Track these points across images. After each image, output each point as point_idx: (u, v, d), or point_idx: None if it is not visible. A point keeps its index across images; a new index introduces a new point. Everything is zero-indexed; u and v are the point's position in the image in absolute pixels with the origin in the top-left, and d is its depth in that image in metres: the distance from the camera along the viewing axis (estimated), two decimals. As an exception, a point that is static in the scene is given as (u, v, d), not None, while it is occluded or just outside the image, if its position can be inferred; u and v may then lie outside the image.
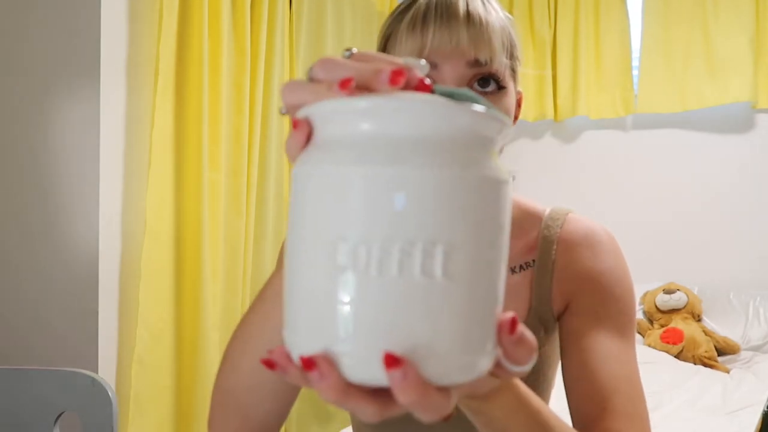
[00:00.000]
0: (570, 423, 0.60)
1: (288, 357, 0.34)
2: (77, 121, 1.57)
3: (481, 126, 0.33)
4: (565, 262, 0.72)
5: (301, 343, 0.34)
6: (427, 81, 0.35)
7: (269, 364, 0.35)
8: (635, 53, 3.28)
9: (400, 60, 0.36)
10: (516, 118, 0.68)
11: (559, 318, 0.72)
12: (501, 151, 0.37)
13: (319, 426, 2.22)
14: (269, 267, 2.09)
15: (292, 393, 0.60)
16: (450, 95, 0.34)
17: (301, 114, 0.35)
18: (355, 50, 0.38)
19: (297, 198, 0.34)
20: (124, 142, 1.61)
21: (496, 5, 0.64)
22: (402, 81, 0.33)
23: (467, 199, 0.32)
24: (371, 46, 2.75)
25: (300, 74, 2.23)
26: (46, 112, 1.61)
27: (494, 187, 0.33)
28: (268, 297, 0.57)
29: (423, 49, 0.60)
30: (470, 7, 0.60)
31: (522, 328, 0.37)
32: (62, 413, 0.95)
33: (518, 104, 0.69)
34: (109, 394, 0.93)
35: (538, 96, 3.42)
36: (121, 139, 1.61)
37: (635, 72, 3.26)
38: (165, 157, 1.66)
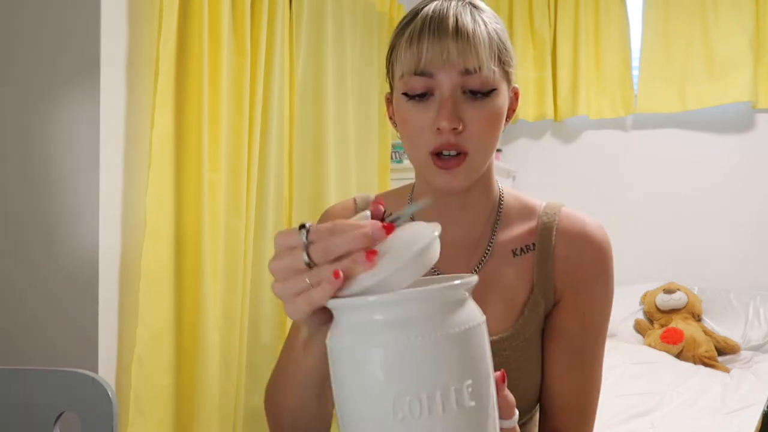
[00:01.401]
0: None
1: None
2: (77, 121, 1.57)
3: (457, 294, 0.47)
4: (565, 254, 0.79)
5: None
6: (390, 219, 0.49)
7: None
8: (635, 53, 3.28)
9: (362, 223, 0.47)
10: (513, 110, 0.77)
11: (554, 304, 0.80)
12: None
13: (319, 426, 2.22)
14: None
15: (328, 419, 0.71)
16: (397, 218, 0.50)
17: (332, 305, 0.47)
18: (309, 225, 0.49)
19: (347, 371, 0.46)
20: (124, 142, 1.61)
21: (485, 15, 0.72)
22: (373, 256, 0.46)
23: (472, 345, 0.46)
24: (371, 46, 2.75)
25: (300, 74, 2.23)
26: (46, 112, 1.61)
27: (481, 328, 0.47)
28: (297, 346, 0.64)
29: (419, 62, 0.69)
30: (459, 23, 0.68)
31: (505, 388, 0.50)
32: (62, 413, 0.95)
33: (516, 98, 0.78)
34: (109, 394, 0.93)
35: (538, 96, 3.42)
36: (121, 139, 1.61)
37: (635, 72, 3.27)
38: (165, 157, 1.66)
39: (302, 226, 0.49)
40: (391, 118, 0.81)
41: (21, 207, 1.65)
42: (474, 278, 0.48)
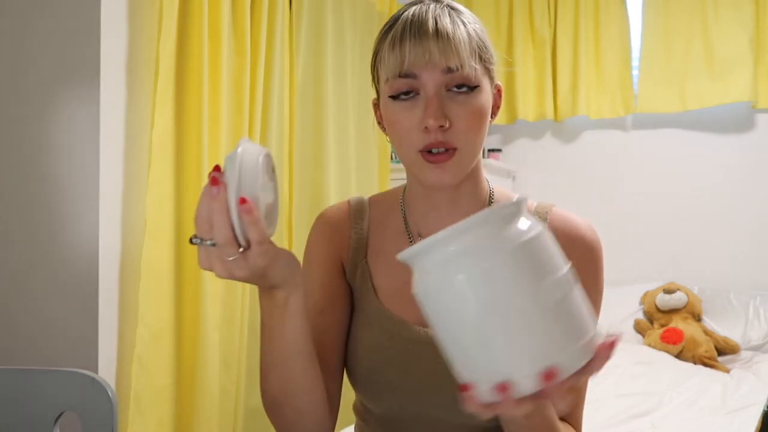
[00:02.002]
0: None
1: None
2: (77, 122, 1.57)
3: (513, 209, 0.52)
4: None
5: (485, 378, 0.51)
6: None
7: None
8: (635, 53, 3.28)
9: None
10: (498, 107, 0.79)
11: None
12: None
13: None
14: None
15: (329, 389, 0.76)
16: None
17: (407, 257, 0.53)
18: (192, 236, 0.60)
19: (444, 304, 0.51)
20: (124, 142, 1.61)
21: (464, 17, 0.75)
22: (216, 180, 0.59)
23: (544, 248, 0.52)
24: (371, 46, 2.74)
25: (300, 74, 2.23)
26: (46, 112, 1.61)
27: (546, 232, 0.53)
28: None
29: (402, 64, 0.71)
30: (439, 24, 0.71)
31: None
32: (62, 413, 0.95)
33: (499, 95, 0.80)
34: (109, 394, 0.93)
35: (538, 96, 3.42)
36: (121, 139, 1.61)
37: (635, 72, 3.26)
38: (165, 157, 1.66)
39: (191, 240, 0.60)
40: (379, 123, 0.82)
41: (22, 207, 1.65)
42: (524, 198, 0.54)
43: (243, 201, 0.57)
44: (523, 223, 0.52)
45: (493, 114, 0.79)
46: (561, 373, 0.49)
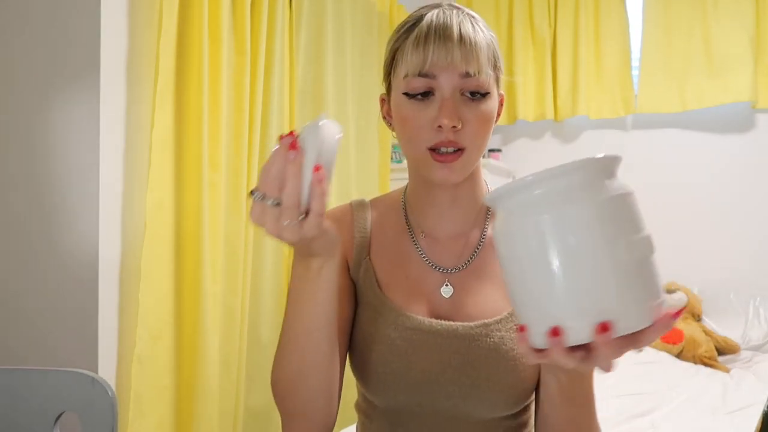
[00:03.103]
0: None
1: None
2: (77, 122, 1.57)
3: (605, 164, 0.53)
4: None
5: (537, 326, 0.52)
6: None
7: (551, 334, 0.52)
8: (635, 53, 3.28)
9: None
10: (499, 115, 0.83)
11: None
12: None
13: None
14: (269, 267, 2.09)
15: (336, 380, 0.76)
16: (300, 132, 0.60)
17: (494, 199, 0.55)
18: (253, 188, 0.62)
19: (538, 235, 0.51)
20: (124, 142, 1.61)
21: (482, 25, 0.79)
22: (294, 145, 0.61)
23: (633, 207, 0.53)
24: (371, 46, 2.75)
25: (300, 74, 2.23)
26: (46, 112, 1.61)
27: (632, 197, 0.54)
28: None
29: (424, 63, 0.75)
30: (462, 30, 0.75)
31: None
32: (62, 413, 0.95)
33: (501, 104, 0.84)
34: (109, 394, 0.93)
35: (538, 96, 3.42)
36: (121, 139, 1.61)
37: (635, 72, 3.26)
38: (165, 157, 1.66)
39: (251, 192, 0.61)
40: (385, 117, 0.86)
41: (21, 207, 1.65)
42: (619, 156, 0.54)
43: (317, 169, 0.59)
44: (616, 179, 0.53)
45: (495, 120, 0.83)
46: (616, 329, 0.49)
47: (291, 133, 0.61)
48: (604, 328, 0.49)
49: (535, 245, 0.51)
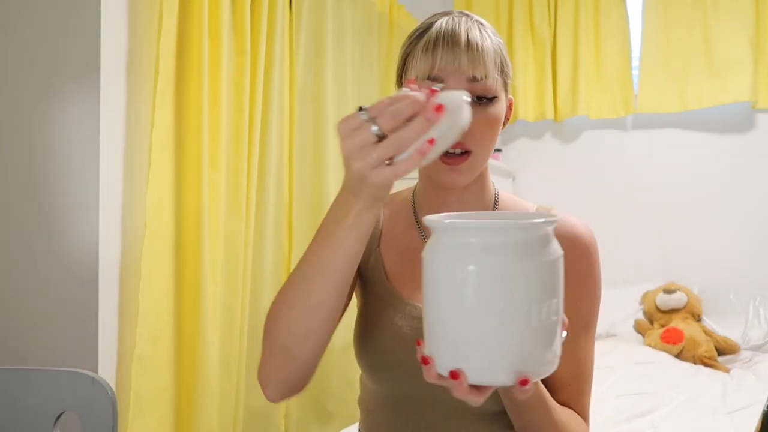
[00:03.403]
0: None
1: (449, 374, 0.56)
2: (77, 121, 1.57)
3: (547, 229, 0.56)
4: None
5: (444, 363, 0.56)
6: (436, 87, 0.60)
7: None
8: (635, 53, 3.28)
9: (412, 93, 0.58)
10: (507, 119, 0.86)
11: None
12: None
13: (319, 426, 2.22)
14: (269, 267, 2.09)
15: (327, 338, 0.76)
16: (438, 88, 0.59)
17: (432, 224, 0.57)
18: (366, 106, 0.59)
19: (442, 283, 0.55)
20: (124, 142, 1.61)
21: (490, 32, 0.82)
22: (442, 109, 0.58)
23: (558, 272, 0.56)
24: (371, 46, 2.75)
25: (300, 74, 2.23)
26: (46, 111, 1.61)
27: (562, 260, 0.57)
28: (311, 264, 0.71)
29: (433, 68, 0.78)
30: (470, 36, 0.78)
31: None
32: (62, 413, 0.95)
33: (510, 108, 0.87)
34: (109, 394, 0.93)
35: (538, 96, 3.42)
36: (121, 138, 1.61)
37: (635, 72, 3.27)
38: (165, 157, 1.66)
39: (361, 108, 0.59)
40: None
41: (21, 207, 1.65)
42: (556, 217, 0.57)
43: (431, 142, 0.59)
44: (553, 242, 0.56)
45: (504, 124, 0.86)
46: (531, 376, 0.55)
47: (434, 91, 0.59)
48: (522, 382, 0.55)
49: (466, 289, 0.54)
